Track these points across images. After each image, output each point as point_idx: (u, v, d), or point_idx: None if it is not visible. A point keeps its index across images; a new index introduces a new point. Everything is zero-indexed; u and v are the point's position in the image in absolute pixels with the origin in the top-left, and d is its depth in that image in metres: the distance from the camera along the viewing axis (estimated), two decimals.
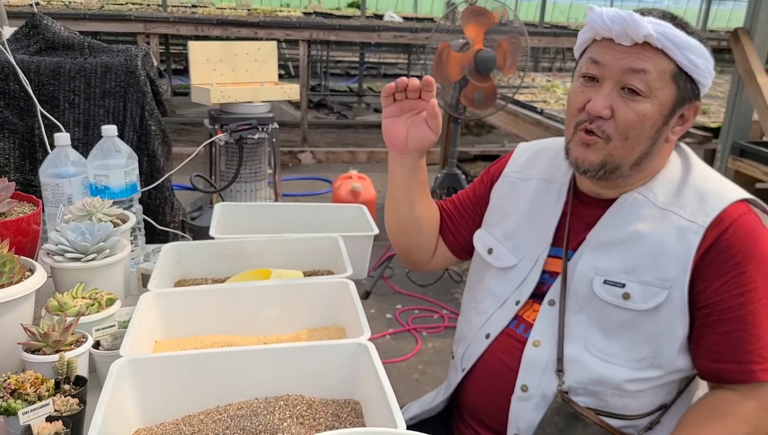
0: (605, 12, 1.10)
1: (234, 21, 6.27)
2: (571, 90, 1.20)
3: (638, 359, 1.15)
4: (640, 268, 1.14)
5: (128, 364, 1.01)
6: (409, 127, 1.26)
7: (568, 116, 1.20)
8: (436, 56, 3.31)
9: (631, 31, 1.07)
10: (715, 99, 5.02)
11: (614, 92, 1.11)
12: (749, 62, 2.97)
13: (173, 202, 2.06)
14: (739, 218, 1.12)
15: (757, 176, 3.11)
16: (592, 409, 1.16)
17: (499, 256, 1.32)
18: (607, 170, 1.15)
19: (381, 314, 3.51)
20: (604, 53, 1.12)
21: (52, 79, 1.89)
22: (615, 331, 1.16)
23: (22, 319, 1.10)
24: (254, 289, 1.30)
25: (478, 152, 6.46)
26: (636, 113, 1.10)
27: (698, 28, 1.13)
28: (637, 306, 1.13)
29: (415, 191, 1.35)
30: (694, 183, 1.17)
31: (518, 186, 1.34)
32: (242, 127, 2.73)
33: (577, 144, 1.17)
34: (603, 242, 1.19)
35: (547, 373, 1.19)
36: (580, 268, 1.19)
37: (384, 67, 11.87)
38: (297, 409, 1.04)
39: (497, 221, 1.35)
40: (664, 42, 1.07)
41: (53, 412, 0.94)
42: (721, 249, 1.11)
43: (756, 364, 1.10)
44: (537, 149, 1.38)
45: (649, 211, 1.17)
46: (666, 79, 1.10)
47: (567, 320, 1.19)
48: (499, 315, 1.28)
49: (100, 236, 1.30)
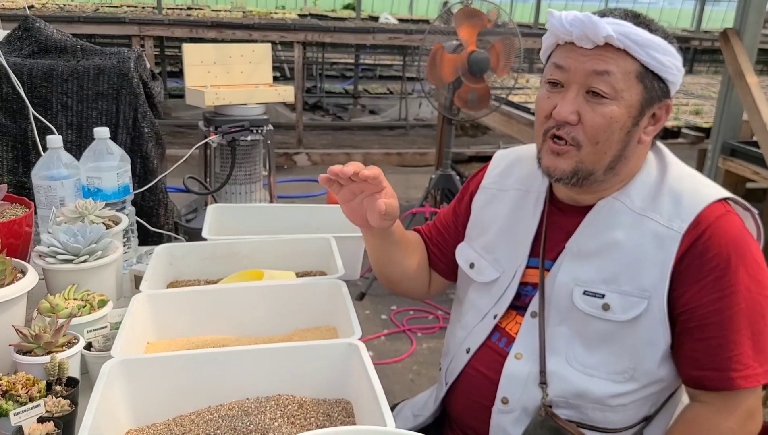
0: (564, 16, 1.08)
1: (229, 23, 6.27)
2: (538, 97, 1.18)
3: (619, 371, 1.13)
4: (619, 277, 1.12)
5: (119, 364, 1.01)
6: (367, 208, 1.18)
7: (537, 124, 1.18)
8: (430, 58, 3.32)
9: (591, 34, 1.05)
10: (708, 99, 5.03)
11: (580, 96, 1.09)
12: (738, 62, 2.98)
13: (167, 204, 2.07)
14: (717, 220, 1.09)
15: (747, 176, 3.13)
16: (574, 422, 1.15)
17: (481, 271, 1.30)
18: (580, 177, 1.12)
19: (376, 315, 3.51)
20: (567, 57, 1.10)
21: (44, 81, 1.90)
22: (596, 343, 1.14)
23: (13, 321, 1.10)
24: (246, 290, 1.31)
25: (473, 153, 6.47)
26: (603, 116, 1.08)
27: (664, 25, 1.11)
28: (617, 317, 1.12)
29: (393, 251, 1.33)
30: (669, 185, 1.15)
31: (497, 197, 1.33)
32: (234, 129, 2.73)
33: (547, 152, 1.15)
34: (582, 251, 1.17)
35: (528, 386, 1.17)
36: (560, 279, 1.18)
37: (380, 68, 11.88)
38: (288, 408, 1.05)
39: (477, 235, 1.34)
40: (625, 42, 1.05)
41: (44, 413, 0.94)
42: (698, 253, 1.09)
43: (735, 371, 1.08)
44: (513, 158, 1.36)
45: (626, 217, 1.14)
46: (631, 80, 1.08)
47: (549, 332, 1.18)
48: (479, 329, 1.27)
49: (92, 238, 1.31)
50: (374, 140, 7.47)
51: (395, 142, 7.40)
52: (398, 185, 5.92)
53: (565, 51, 1.11)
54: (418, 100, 8.98)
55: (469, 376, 1.27)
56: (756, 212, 1.18)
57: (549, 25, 1.12)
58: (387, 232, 1.28)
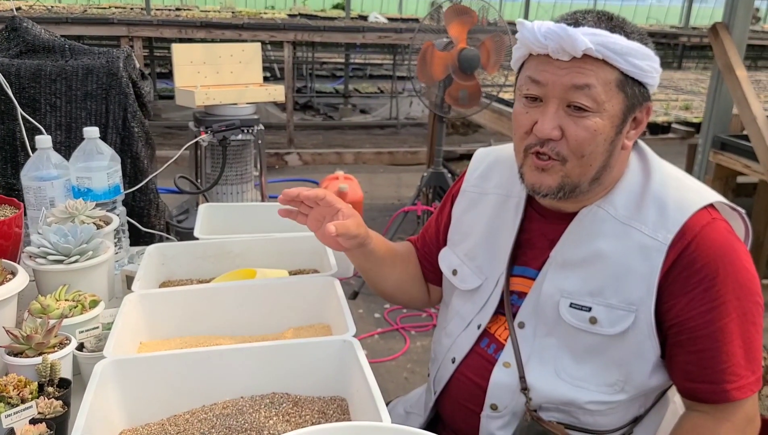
0: (537, 28, 1.04)
1: (218, 23, 6.24)
2: (515, 111, 1.12)
3: (609, 384, 1.12)
4: (605, 290, 1.10)
5: (112, 365, 1.01)
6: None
7: (516, 139, 1.13)
8: (420, 55, 3.32)
9: (568, 47, 1.00)
10: (698, 95, 5.06)
11: (560, 111, 1.05)
12: (728, 56, 3.00)
13: (158, 204, 2.05)
14: (703, 230, 1.06)
15: (738, 169, 3.14)
16: (563, 424, 1.14)
17: (464, 278, 1.28)
18: (566, 191, 1.09)
19: (369, 314, 3.51)
20: (544, 71, 1.05)
21: (32, 82, 1.88)
22: (584, 356, 1.12)
23: (4, 322, 1.10)
24: (239, 289, 1.30)
25: (464, 151, 6.47)
26: (587, 129, 1.04)
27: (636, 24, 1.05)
28: (604, 331, 1.09)
29: (380, 267, 1.32)
30: (653, 192, 1.11)
31: (477, 202, 1.30)
32: (225, 128, 2.72)
33: (531, 168, 1.10)
34: (567, 261, 1.14)
35: (517, 393, 1.16)
36: (545, 290, 1.15)
37: (370, 68, 11.87)
38: (283, 406, 1.04)
39: (460, 240, 1.31)
40: (604, 52, 1.01)
41: (37, 414, 0.93)
42: (686, 265, 1.06)
43: (729, 383, 1.06)
44: (492, 159, 1.33)
45: (610, 226, 1.11)
46: (612, 90, 1.03)
47: (537, 343, 1.16)
48: (463, 338, 1.25)
49: (82, 238, 1.30)
50: (365, 139, 7.47)
51: (386, 141, 7.40)
52: (389, 184, 5.92)
53: (540, 64, 1.06)
54: (409, 99, 8.99)
55: (458, 382, 1.25)
56: (743, 212, 1.16)
57: (520, 36, 1.07)
58: (368, 251, 1.26)
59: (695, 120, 3.91)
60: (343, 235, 1.15)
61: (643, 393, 1.15)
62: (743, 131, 3.14)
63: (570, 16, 1.07)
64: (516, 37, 1.11)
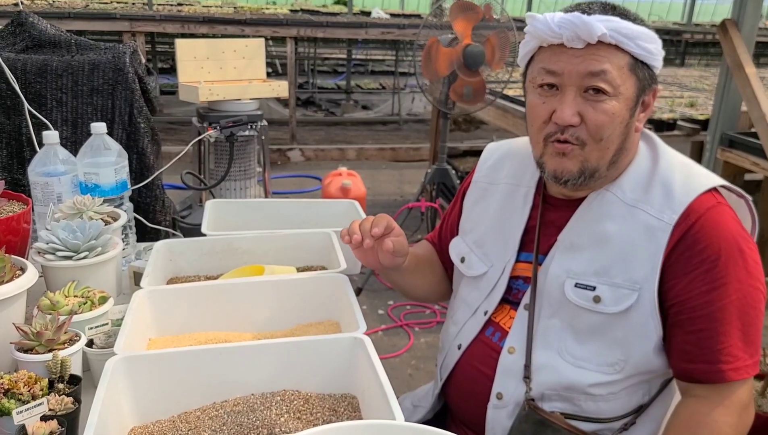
0: (550, 18, 1.06)
1: (220, 18, 6.23)
2: (531, 102, 1.15)
3: (610, 364, 1.13)
4: (611, 269, 1.12)
5: (123, 361, 1.00)
6: (378, 250, 1.22)
7: (533, 130, 1.15)
8: (425, 51, 3.30)
9: (584, 35, 1.04)
10: (702, 91, 5.05)
11: (578, 97, 1.08)
12: (737, 53, 2.98)
13: (164, 200, 2.05)
14: (707, 212, 1.09)
15: (746, 166, 3.13)
16: (565, 414, 1.15)
17: (470, 265, 1.30)
18: (587, 176, 1.12)
19: (373, 310, 3.50)
20: (558, 60, 1.08)
21: (39, 77, 1.87)
22: (587, 335, 1.14)
23: (13, 319, 1.09)
24: (248, 286, 1.30)
25: (467, 148, 6.45)
26: (605, 113, 1.07)
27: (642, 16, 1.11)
28: (607, 309, 1.11)
29: (412, 279, 1.38)
30: (661, 175, 1.14)
31: (488, 191, 1.33)
32: (233, 123, 2.71)
33: (551, 156, 1.13)
34: (574, 244, 1.17)
35: (520, 381, 1.17)
36: (552, 272, 1.17)
37: (372, 64, 11.85)
38: (294, 404, 1.04)
39: (470, 229, 1.34)
40: (617, 37, 1.04)
41: (48, 411, 0.93)
42: (688, 245, 1.08)
43: (725, 363, 1.07)
44: (504, 151, 1.36)
45: (617, 208, 1.14)
46: (626, 74, 1.07)
47: (541, 325, 1.17)
48: (470, 325, 1.27)
49: (91, 234, 1.29)
50: (367, 135, 7.46)
51: (388, 138, 7.39)
52: (392, 180, 5.91)
53: (553, 54, 1.09)
54: (411, 95, 8.97)
55: (464, 371, 1.27)
56: (750, 199, 1.17)
57: (531, 29, 1.10)
58: (403, 268, 1.31)
59: (701, 117, 3.90)
60: (397, 252, 1.21)
61: (645, 377, 1.16)
62: (751, 128, 3.13)
63: (576, 7, 1.10)
64: (524, 32, 1.13)
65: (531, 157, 1.21)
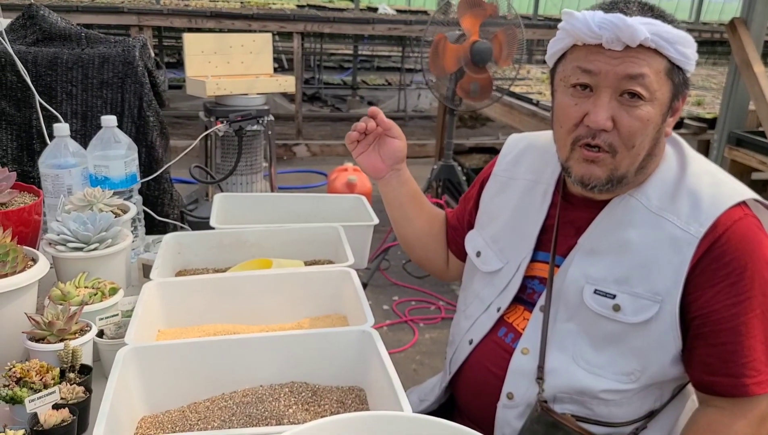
0: (590, 17, 1.02)
1: (228, 13, 6.24)
2: (561, 103, 1.11)
3: (626, 373, 1.12)
4: (632, 278, 1.10)
5: (134, 351, 1.01)
6: (379, 150, 1.35)
7: (561, 132, 1.12)
8: (432, 48, 3.30)
9: (626, 38, 1.00)
10: (710, 90, 5.04)
11: (613, 101, 1.04)
12: (746, 52, 2.98)
13: (172, 193, 2.06)
14: (734, 225, 1.06)
15: (753, 165, 3.13)
16: (577, 417, 1.14)
17: (486, 260, 1.29)
18: (615, 183, 1.09)
19: (378, 306, 3.51)
20: (596, 60, 1.04)
21: (49, 69, 1.88)
22: (603, 343, 1.12)
23: (25, 308, 1.10)
24: (256, 279, 1.30)
25: (473, 144, 6.46)
26: (639, 119, 1.04)
27: (685, 19, 1.09)
28: (627, 319, 1.09)
29: (409, 207, 1.39)
30: (688, 185, 1.11)
31: (507, 186, 1.31)
32: (242, 118, 2.72)
33: (578, 161, 1.10)
34: (594, 248, 1.14)
35: (533, 382, 1.16)
36: (570, 275, 1.15)
37: (378, 59, 11.85)
38: (302, 395, 1.05)
39: (487, 223, 1.33)
40: (657, 41, 1.01)
41: (59, 400, 0.94)
42: (714, 257, 1.06)
43: (749, 377, 1.06)
44: (525, 144, 1.34)
45: (642, 216, 1.11)
46: (662, 78, 1.04)
47: (557, 328, 1.16)
48: (482, 321, 1.26)
49: (101, 226, 1.30)
50: None
51: None
52: None
53: (590, 53, 1.05)
54: (417, 92, 8.97)
55: (474, 369, 1.26)
56: None
57: (568, 27, 1.05)
58: (401, 182, 1.36)
59: (708, 115, 3.89)
60: (391, 129, 1.34)
61: (658, 385, 1.15)
62: (759, 127, 3.13)
63: (614, 6, 1.05)
64: (559, 28, 1.09)
65: (552, 152, 1.19)
